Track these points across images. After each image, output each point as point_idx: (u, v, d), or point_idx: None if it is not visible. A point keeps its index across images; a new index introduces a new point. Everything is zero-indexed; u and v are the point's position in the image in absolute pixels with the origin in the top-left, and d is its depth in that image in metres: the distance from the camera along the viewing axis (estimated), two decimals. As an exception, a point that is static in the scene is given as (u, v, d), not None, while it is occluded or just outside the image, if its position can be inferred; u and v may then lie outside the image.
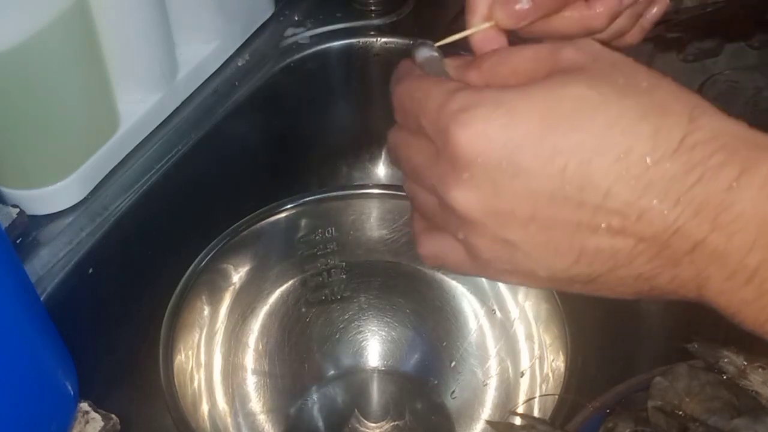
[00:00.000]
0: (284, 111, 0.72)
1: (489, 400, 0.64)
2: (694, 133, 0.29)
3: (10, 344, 0.41)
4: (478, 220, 0.31)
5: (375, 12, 0.73)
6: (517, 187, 0.30)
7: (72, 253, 0.55)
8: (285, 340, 0.66)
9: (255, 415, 0.64)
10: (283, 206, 0.63)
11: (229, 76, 0.68)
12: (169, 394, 0.53)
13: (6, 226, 0.53)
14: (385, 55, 0.73)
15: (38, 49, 0.49)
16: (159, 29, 0.59)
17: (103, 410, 0.50)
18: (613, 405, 0.49)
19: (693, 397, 0.47)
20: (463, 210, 0.31)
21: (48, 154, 0.54)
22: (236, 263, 0.63)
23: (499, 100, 0.30)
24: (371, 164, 0.78)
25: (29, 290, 0.45)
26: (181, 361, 0.58)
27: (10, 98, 0.50)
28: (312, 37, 0.72)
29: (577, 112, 0.30)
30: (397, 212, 0.66)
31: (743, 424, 0.45)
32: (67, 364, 0.49)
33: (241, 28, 0.70)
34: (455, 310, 0.67)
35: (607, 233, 0.30)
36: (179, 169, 0.62)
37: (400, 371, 0.68)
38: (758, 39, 0.71)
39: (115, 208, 0.58)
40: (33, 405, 0.45)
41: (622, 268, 0.31)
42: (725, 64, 0.68)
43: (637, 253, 0.30)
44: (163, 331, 0.56)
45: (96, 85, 0.56)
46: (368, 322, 0.69)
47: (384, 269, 0.68)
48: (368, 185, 0.71)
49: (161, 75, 0.61)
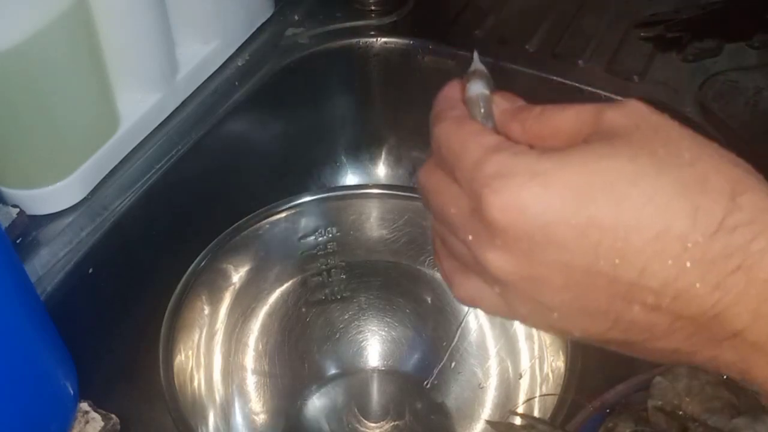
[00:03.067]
0: (284, 111, 0.72)
1: (489, 400, 0.64)
2: (734, 214, 0.28)
3: (10, 344, 0.41)
4: (513, 283, 0.31)
5: (375, 12, 0.73)
6: (551, 258, 0.30)
7: (72, 253, 0.55)
8: (285, 340, 0.66)
9: (255, 415, 0.64)
10: (283, 206, 0.63)
11: (229, 76, 0.68)
12: (169, 394, 0.53)
13: (6, 226, 0.53)
14: (385, 55, 0.73)
15: (38, 49, 0.49)
16: (159, 29, 0.59)
17: (103, 410, 0.50)
18: (613, 405, 0.49)
19: (693, 397, 0.47)
20: (497, 273, 0.31)
21: (48, 154, 0.54)
22: (236, 263, 0.63)
23: (534, 170, 0.29)
24: (371, 164, 0.78)
25: (29, 290, 0.45)
26: (181, 361, 0.58)
27: (11, 98, 0.50)
28: (312, 37, 0.72)
29: (613, 186, 0.29)
30: (397, 212, 0.66)
31: (743, 424, 0.45)
32: (67, 364, 0.49)
33: (241, 28, 0.70)
34: (455, 310, 0.67)
35: (642, 308, 0.30)
36: (179, 169, 0.62)
37: (400, 371, 0.68)
38: (758, 39, 0.71)
39: (115, 208, 0.58)
40: (33, 405, 0.45)
41: (660, 340, 0.30)
42: (725, 64, 0.68)
43: (675, 330, 0.30)
44: (163, 331, 0.56)
45: (96, 85, 0.56)
46: (368, 322, 0.69)
47: (384, 269, 0.68)
48: (368, 185, 0.71)
49: (161, 75, 0.61)
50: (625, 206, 0.29)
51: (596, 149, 0.30)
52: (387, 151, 0.78)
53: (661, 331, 0.30)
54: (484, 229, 0.31)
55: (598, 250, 0.29)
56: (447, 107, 0.35)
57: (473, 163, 0.31)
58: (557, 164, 0.30)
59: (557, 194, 0.29)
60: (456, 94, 0.36)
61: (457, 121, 0.34)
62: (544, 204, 0.29)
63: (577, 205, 0.29)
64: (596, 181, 0.29)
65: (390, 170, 0.78)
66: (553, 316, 0.31)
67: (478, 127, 0.33)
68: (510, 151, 0.31)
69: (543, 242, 0.29)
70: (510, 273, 0.31)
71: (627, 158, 0.29)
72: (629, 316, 0.30)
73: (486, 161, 0.30)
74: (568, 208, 0.29)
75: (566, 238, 0.29)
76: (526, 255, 0.30)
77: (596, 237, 0.29)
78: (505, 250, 0.30)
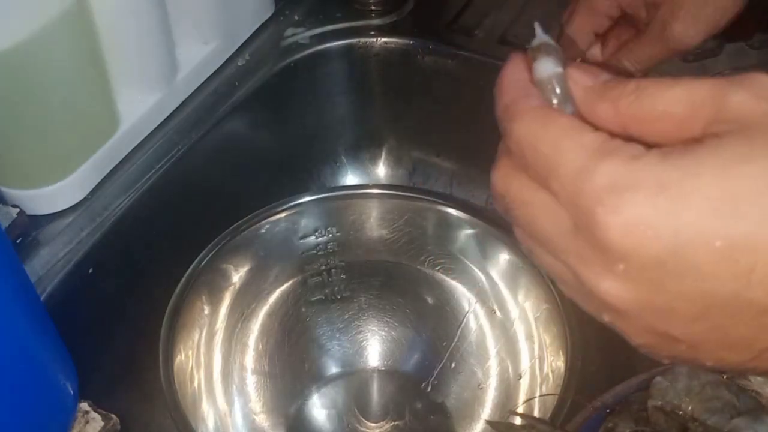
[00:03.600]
0: (284, 111, 0.72)
1: (489, 400, 0.64)
2: None
3: (10, 344, 0.41)
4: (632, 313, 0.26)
5: (375, 12, 0.73)
6: (686, 287, 0.25)
7: (72, 253, 0.55)
8: (285, 340, 0.66)
9: (255, 415, 0.64)
10: (283, 206, 0.63)
11: (229, 76, 0.68)
12: (169, 394, 0.53)
13: (6, 226, 0.53)
14: (385, 55, 0.73)
15: (38, 49, 0.49)
16: (159, 29, 0.59)
17: (103, 410, 0.50)
18: (613, 405, 0.49)
19: (693, 397, 0.47)
20: (614, 302, 0.26)
21: (48, 154, 0.54)
22: (236, 263, 0.63)
23: (660, 180, 0.24)
24: (371, 164, 0.78)
25: (29, 290, 0.45)
26: (181, 361, 0.58)
27: (10, 98, 0.50)
28: (312, 37, 0.72)
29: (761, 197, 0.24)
30: (397, 212, 0.66)
31: (743, 424, 0.45)
32: (67, 364, 0.49)
33: (241, 28, 0.70)
34: (455, 310, 0.67)
35: None
36: (179, 169, 0.62)
37: (400, 371, 0.68)
38: (758, 39, 0.71)
39: (115, 208, 0.58)
40: (33, 405, 0.45)
41: None
42: (725, 64, 0.68)
43: None
44: (163, 331, 0.56)
45: (96, 85, 0.56)
46: (368, 322, 0.69)
47: (384, 269, 0.68)
48: (368, 185, 0.71)
49: (161, 75, 0.61)
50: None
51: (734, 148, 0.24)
52: (387, 151, 0.78)
53: None
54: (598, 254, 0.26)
55: (751, 276, 0.24)
56: (520, 95, 0.29)
57: (576, 172, 0.25)
58: (688, 171, 0.24)
59: (692, 209, 0.24)
60: (524, 75, 0.29)
61: (540, 115, 0.28)
62: (677, 223, 0.24)
63: (720, 223, 0.24)
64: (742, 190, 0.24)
65: (390, 170, 0.78)
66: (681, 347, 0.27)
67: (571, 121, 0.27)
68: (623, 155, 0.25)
69: (677, 270, 0.24)
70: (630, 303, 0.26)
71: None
72: None
73: (594, 171, 0.25)
74: (709, 228, 0.24)
75: (707, 263, 0.24)
76: (654, 284, 0.25)
77: (749, 260, 0.24)
78: (627, 279, 0.25)
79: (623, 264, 0.25)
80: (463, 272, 0.66)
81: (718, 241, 0.24)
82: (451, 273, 0.67)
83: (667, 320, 0.26)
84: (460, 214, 0.64)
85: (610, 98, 0.27)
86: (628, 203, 0.24)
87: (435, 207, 0.65)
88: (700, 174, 0.24)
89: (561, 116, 0.27)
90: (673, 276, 0.25)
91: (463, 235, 0.65)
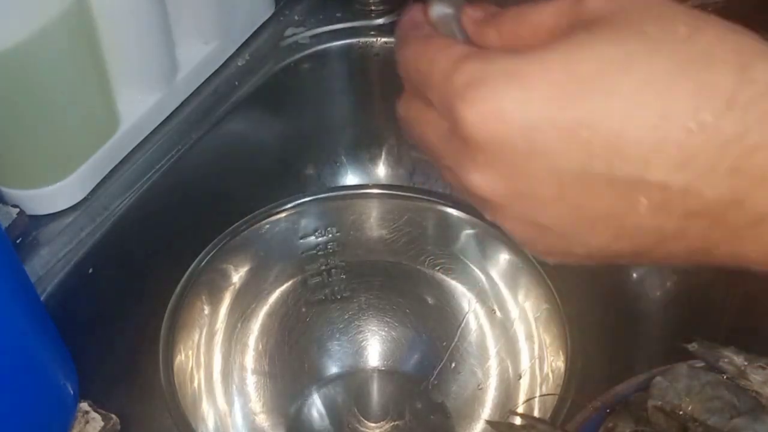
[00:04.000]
0: (284, 111, 0.72)
1: (489, 400, 0.64)
2: (745, 87, 0.25)
3: (10, 344, 0.41)
4: (501, 203, 0.28)
5: (375, 12, 0.73)
6: (538, 167, 0.27)
7: (72, 253, 0.55)
8: (285, 340, 0.66)
9: (255, 415, 0.64)
10: (283, 206, 0.63)
11: (229, 76, 0.68)
12: (169, 394, 0.53)
13: (6, 226, 0.53)
14: (385, 55, 0.73)
15: (38, 49, 0.49)
16: (159, 29, 0.59)
17: (103, 410, 0.50)
18: (613, 405, 0.49)
19: (693, 397, 0.47)
20: (483, 194, 0.28)
21: (48, 154, 0.54)
22: (236, 263, 0.63)
23: (510, 71, 0.26)
24: (371, 164, 0.78)
25: (29, 290, 0.45)
26: (181, 361, 0.58)
27: (10, 98, 0.50)
28: (312, 37, 0.72)
29: (600, 77, 0.26)
30: (397, 212, 0.66)
31: (743, 424, 0.45)
32: (67, 364, 0.49)
33: (241, 28, 0.70)
34: (455, 310, 0.67)
35: (647, 210, 0.26)
36: (179, 169, 0.62)
37: (400, 371, 0.68)
38: (758, 39, 0.71)
39: (115, 208, 0.58)
40: (33, 405, 0.45)
41: (671, 242, 0.27)
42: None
43: (688, 227, 0.27)
44: (163, 331, 0.56)
45: (96, 85, 0.56)
46: (368, 322, 0.69)
47: (384, 269, 0.68)
48: (368, 185, 0.71)
49: (161, 75, 0.61)
50: (617, 96, 0.25)
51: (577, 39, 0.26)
52: (387, 151, 0.78)
53: (673, 232, 0.27)
54: (464, 148, 0.28)
55: (590, 149, 0.26)
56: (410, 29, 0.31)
57: (443, 76, 0.28)
58: (534, 61, 0.26)
59: (538, 94, 0.26)
60: (420, 17, 0.32)
61: (422, 39, 0.30)
62: (524, 107, 0.26)
63: (561, 104, 0.26)
64: (580, 73, 0.26)
65: (390, 170, 0.78)
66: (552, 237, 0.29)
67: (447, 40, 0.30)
68: (481, 56, 0.27)
69: (528, 151, 0.26)
70: (496, 193, 0.28)
71: (612, 43, 0.26)
72: (634, 219, 0.27)
73: (456, 71, 0.27)
74: (552, 108, 0.26)
75: (553, 142, 0.26)
76: (511, 168, 0.27)
77: (586, 135, 0.26)
78: (487, 166, 0.27)
79: (482, 154, 0.27)
80: (463, 272, 0.66)
81: (559, 120, 0.26)
82: (451, 273, 0.67)
83: (533, 206, 0.28)
84: (460, 214, 0.64)
85: (494, 24, 0.30)
86: (480, 94, 0.26)
87: (435, 207, 0.65)
88: (546, 60, 0.26)
89: (438, 38, 0.30)
90: (526, 159, 0.27)
91: (463, 235, 0.65)
